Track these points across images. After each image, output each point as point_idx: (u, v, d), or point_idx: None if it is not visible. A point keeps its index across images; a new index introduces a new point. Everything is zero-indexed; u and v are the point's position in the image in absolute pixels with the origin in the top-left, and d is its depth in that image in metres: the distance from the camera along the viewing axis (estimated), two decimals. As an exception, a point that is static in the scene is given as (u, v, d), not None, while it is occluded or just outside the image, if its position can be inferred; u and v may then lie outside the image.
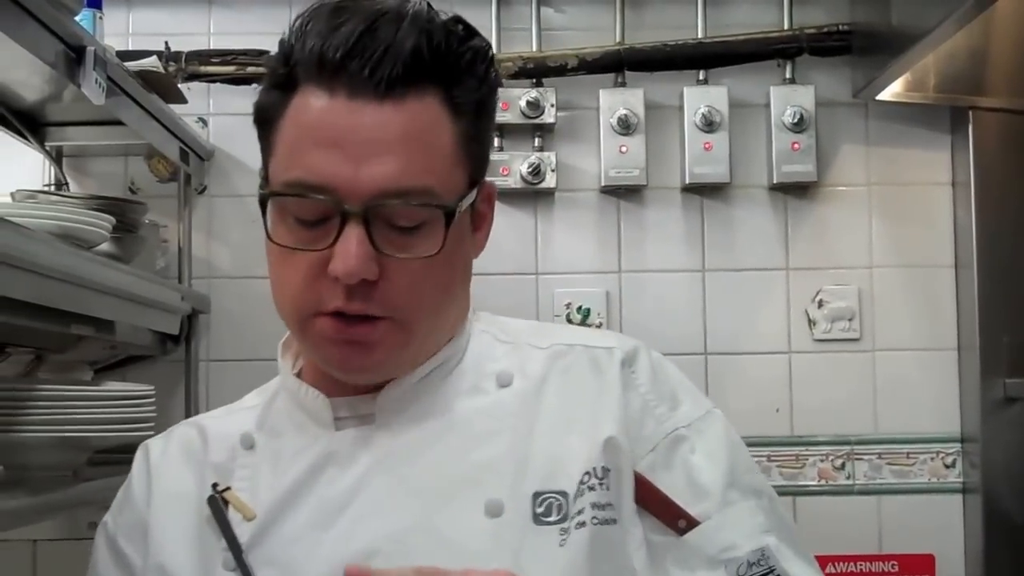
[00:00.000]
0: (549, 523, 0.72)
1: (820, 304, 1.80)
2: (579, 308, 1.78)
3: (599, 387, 0.77)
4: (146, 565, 0.79)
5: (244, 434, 0.81)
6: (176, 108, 1.58)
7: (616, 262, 1.81)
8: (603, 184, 1.78)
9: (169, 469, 0.82)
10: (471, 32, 0.74)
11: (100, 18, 1.49)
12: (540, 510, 0.73)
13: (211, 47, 1.80)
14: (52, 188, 1.73)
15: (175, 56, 1.75)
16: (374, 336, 0.72)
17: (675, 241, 1.80)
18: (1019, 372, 1.71)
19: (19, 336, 1.37)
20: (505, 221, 1.80)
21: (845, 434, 1.78)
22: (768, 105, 1.78)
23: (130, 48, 1.73)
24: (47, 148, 1.71)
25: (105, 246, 1.39)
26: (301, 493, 0.75)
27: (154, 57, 1.58)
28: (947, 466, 1.77)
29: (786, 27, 1.80)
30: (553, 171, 1.78)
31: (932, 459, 1.78)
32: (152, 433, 1.41)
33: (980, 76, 1.73)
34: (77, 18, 1.18)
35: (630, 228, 1.81)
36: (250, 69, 1.77)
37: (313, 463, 0.76)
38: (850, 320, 1.79)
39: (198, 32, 1.81)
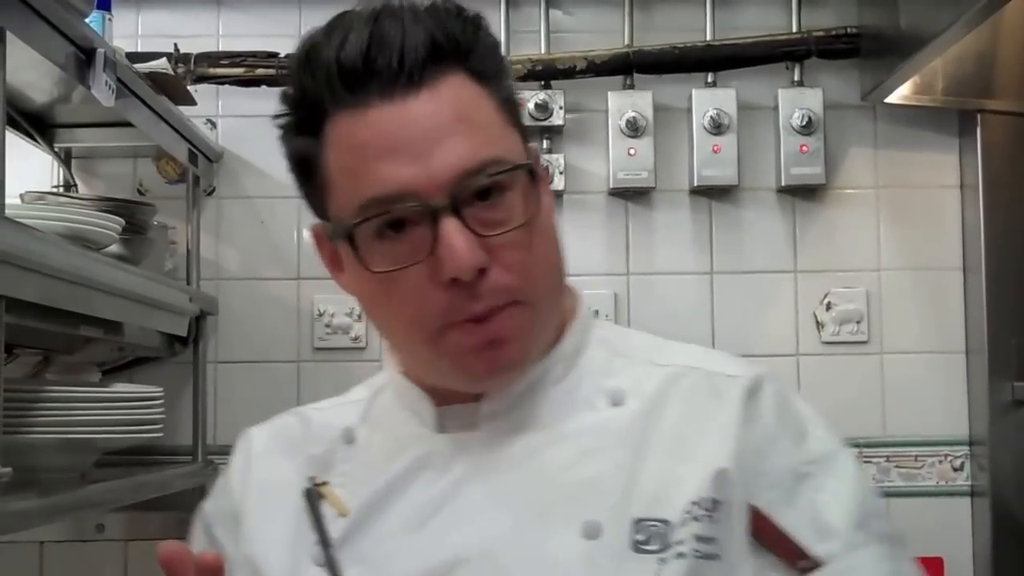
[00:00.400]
0: (647, 552, 0.68)
1: (828, 306, 1.78)
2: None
3: (717, 416, 0.72)
4: (237, 554, 0.77)
5: (346, 428, 0.79)
6: (185, 110, 1.57)
7: (624, 264, 1.79)
8: (611, 186, 1.77)
9: (267, 459, 0.81)
10: (455, 3, 0.72)
11: (109, 20, 1.48)
12: (640, 537, 0.68)
13: (220, 49, 1.79)
14: (61, 189, 1.72)
15: (184, 58, 1.74)
16: (508, 325, 0.69)
17: (683, 243, 1.79)
18: (1028, 375, 1.70)
19: (27, 337, 1.36)
20: (513, 223, 1.79)
21: (853, 436, 1.76)
22: (776, 108, 1.76)
23: (139, 50, 1.71)
24: (56, 149, 1.70)
25: (114, 247, 1.38)
26: (396, 493, 0.73)
27: (163, 59, 1.57)
28: (955, 469, 1.76)
29: (794, 30, 1.78)
30: (561, 173, 1.77)
31: (940, 462, 1.76)
32: (160, 435, 1.42)
33: (988, 79, 1.71)
34: (87, 20, 1.17)
35: (638, 230, 1.80)
36: (259, 71, 1.76)
37: (411, 464, 0.74)
38: (858, 323, 1.77)
39: (207, 34, 1.80)
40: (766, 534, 0.69)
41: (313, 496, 0.75)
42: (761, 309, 1.79)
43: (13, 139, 1.60)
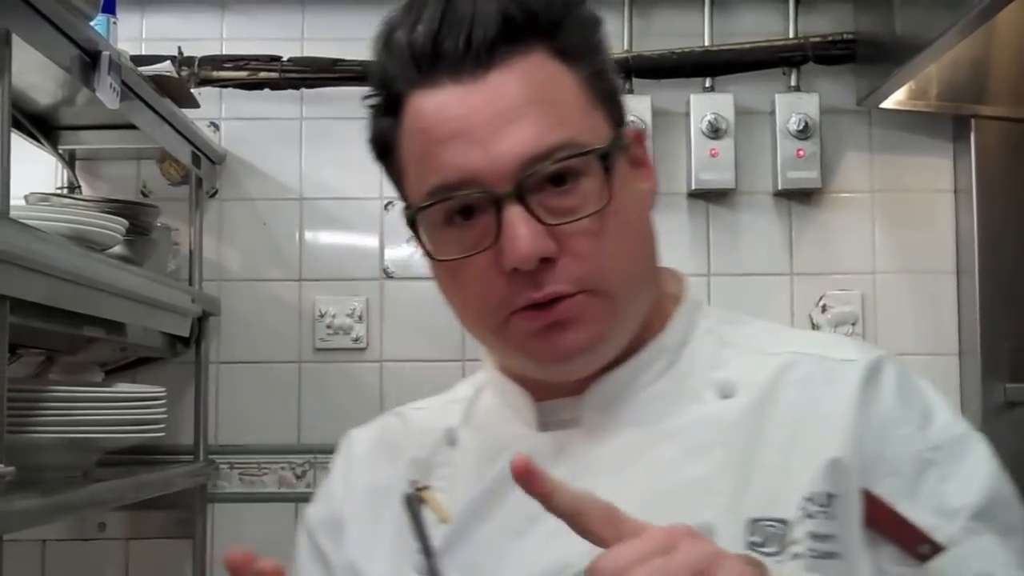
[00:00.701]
0: (765, 554, 0.62)
1: (824, 309, 1.78)
2: (584, 312, 1.77)
3: (832, 403, 0.66)
4: (340, 560, 0.74)
5: (448, 429, 0.75)
6: (188, 112, 1.57)
7: (622, 267, 1.79)
8: (609, 190, 1.76)
9: (369, 463, 0.78)
10: None
11: (114, 23, 1.48)
12: (755, 539, 0.63)
13: (224, 52, 1.78)
14: (65, 191, 1.72)
15: (188, 61, 1.74)
16: (575, 310, 0.65)
17: (681, 246, 1.79)
18: (1020, 377, 1.69)
19: (31, 337, 1.36)
20: (512, 226, 1.79)
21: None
22: (773, 112, 1.76)
23: (144, 53, 1.72)
24: (60, 151, 1.70)
25: (117, 249, 1.38)
26: (497, 496, 0.69)
27: (167, 62, 1.57)
28: (949, 471, 1.76)
29: (791, 36, 1.78)
30: (560, 176, 1.76)
31: (934, 464, 1.76)
32: (161, 434, 1.42)
33: (982, 85, 1.72)
34: (92, 23, 1.17)
35: (636, 233, 1.80)
36: (262, 74, 1.76)
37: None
38: (853, 324, 1.77)
39: (211, 38, 1.80)
40: (883, 520, 0.63)
41: (414, 502, 0.71)
42: (757, 311, 1.75)
43: (18, 141, 1.60)
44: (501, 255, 0.64)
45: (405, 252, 1.79)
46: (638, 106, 1.75)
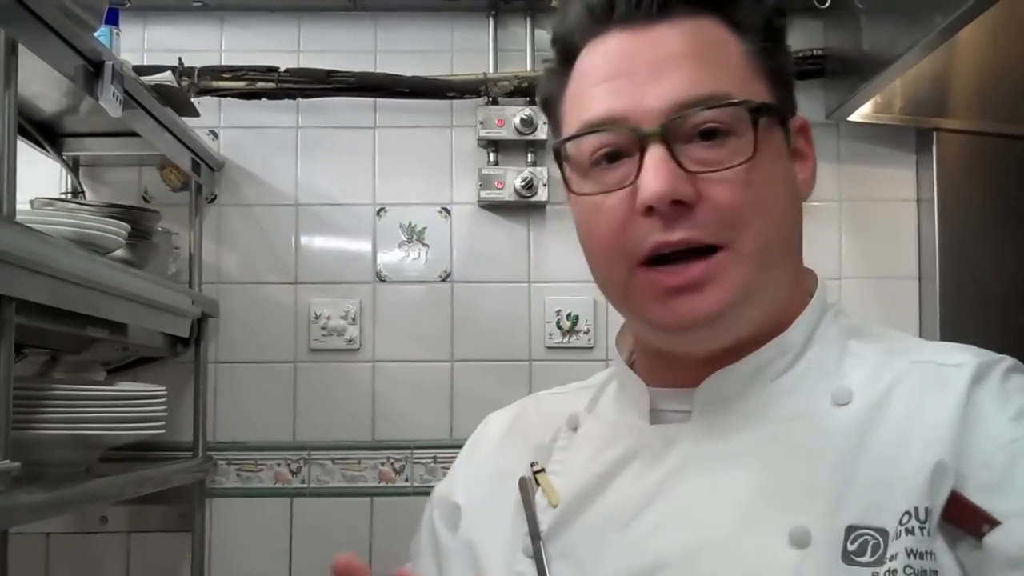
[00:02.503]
0: (860, 564, 0.58)
1: (794, 312, 1.79)
2: (568, 315, 1.76)
3: (939, 407, 0.61)
4: (455, 540, 0.73)
5: (572, 415, 0.73)
6: (188, 121, 1.56)
7: (603, 271, 1.79)
8: (592, 197, 1.76)
9: (500, 444, 0.76)
10: None
11: (117, 34, 1.47)
12: (852, 547, 0.58)
13: (223, 63, 1.77)
14: (69, 196, 1.70)
15: (188, 71, 1.72)
16: (706, 274, 0.61)
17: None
18: (979, 377, 1.70)
19: (36, 337, 1.34)
20: (500, 232, 1.78)
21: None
22: (747, 125, 1.77)
23: (145, 63, 1.70)
24: (64, 158, 1.68)
25: (120, 252, 1.36)
26: (604, 485, 0.67)
27: (168, 72, 1.56)
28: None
29: (764, 52, 1.79)
30: (545, 185, 1.76)
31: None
32: (162, 431, 1.40)
33: (944, 100, 1.73)
34: (96, 34, 1.16)
35: (617, 239, 1.79)
36: (260, 84, 1.75)
37: (622, 454, 0.67)
38: (822, 327, 1.78)
39: (210, 48, 1.79)
40: (956, 511, 0.59)
41: (528, 484, 0.69)
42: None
43: (23, 147, 1.58)
44: (638, 195, 0.61)
45: (397, 256, 1.78)
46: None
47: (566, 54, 0.67)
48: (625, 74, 0.62)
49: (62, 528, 1.70)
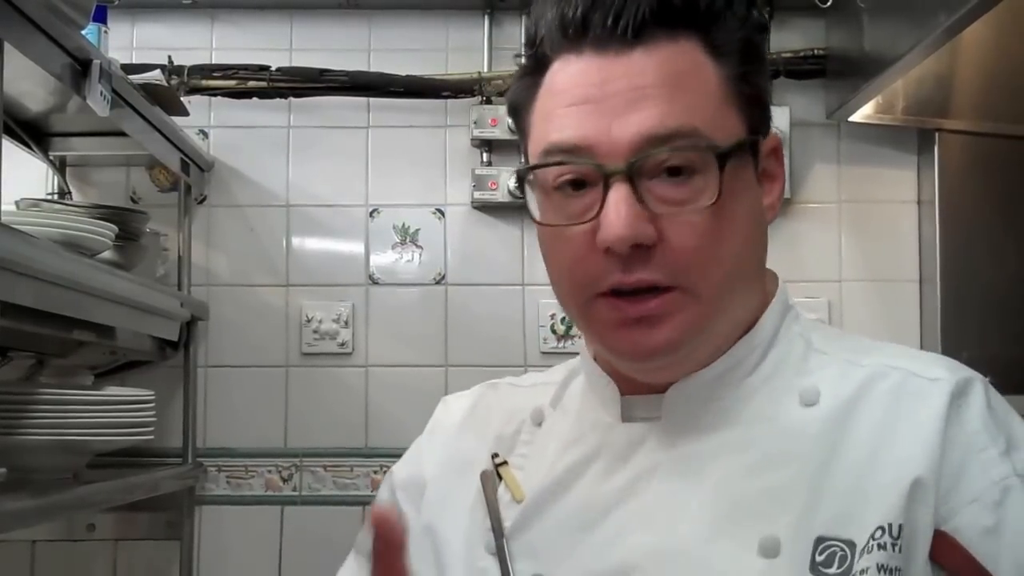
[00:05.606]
0: (828, 575, 0.59)
1: (794, 315, 1.79)
2: (563, 319, 1.76)
3: (916, 422, 0.62)
4: (418, 522, 0.73)
5: (536, 408, 0.73)
6: (178, 120, 1.55)
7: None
8: (589, 199, 1.76)
9: (459, 432, 0.76)
10: None
11: (105, 32, 1.46)
12: (820, 558, 0.59)
13: (213, 62, 1.76)
14: (55, 197, 1.69)
15: (178, 70, 1.72)
16: (661, 308, 0.61)
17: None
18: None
19: (21, 341, 1.33)
20: (493, 234, 1.78)
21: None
22: (746, 125, 1.77)
23: (134, 61, 1.69)
24: (51, 158, 1.68)
25: (107, 254, 1.36)
26: (570, 483, 0.67)
27: (157, 71, 1.55)
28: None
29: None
30: (541, 186, 1.76)
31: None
32: (151, 437, 1.39)
33: (946, 100, 1.73)
34: (83, 32, 1.15)
35: (614, 241, 1.79)
36: (250, 83, 1.74)
37: (588, 452, 0.67)
38: (822, 331, 1.78)
39: (200, 47, 1.78)
40: (950, 559, 0.59)
41: (490, 478, 0.69)
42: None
43: (9, 147, 1.57)
44: (598, 232, 0.61)
45: (390, 259, 1.78)
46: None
47: (537, 61, 0.66)
48: (594, 100, 0.62)
49: (48, 536, 1.70)
